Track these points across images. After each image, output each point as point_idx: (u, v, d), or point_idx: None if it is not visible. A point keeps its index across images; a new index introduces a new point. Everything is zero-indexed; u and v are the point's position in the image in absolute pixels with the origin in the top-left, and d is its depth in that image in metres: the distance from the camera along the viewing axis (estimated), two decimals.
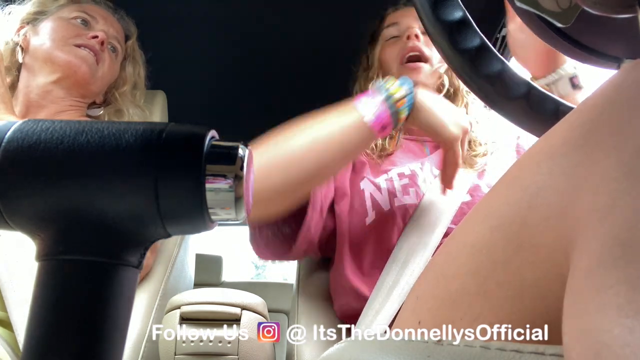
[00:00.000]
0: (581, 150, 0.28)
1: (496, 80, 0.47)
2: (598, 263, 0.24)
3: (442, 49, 0.49)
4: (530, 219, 0.30)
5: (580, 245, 0.26)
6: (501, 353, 0.27)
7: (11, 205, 0.25)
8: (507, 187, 0.34)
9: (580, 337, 0.23)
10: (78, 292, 0.25)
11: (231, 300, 0.69)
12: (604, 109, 0.29)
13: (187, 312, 0.67)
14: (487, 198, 0.37)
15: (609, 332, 0.21)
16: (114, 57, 1.02)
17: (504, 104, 0.48)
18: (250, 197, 0.28)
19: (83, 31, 0.96)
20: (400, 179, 0.88)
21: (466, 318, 0.34)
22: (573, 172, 0.28)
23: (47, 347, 0.24)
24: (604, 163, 0.26)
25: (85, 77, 0.94)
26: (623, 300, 0.21)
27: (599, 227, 0.25)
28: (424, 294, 0.39)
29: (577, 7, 0.40)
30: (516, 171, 0.34)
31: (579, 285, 0.25)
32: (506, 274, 0.32)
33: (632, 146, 0.25)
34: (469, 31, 0.48)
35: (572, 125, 0.31)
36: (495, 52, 0.48)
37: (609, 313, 0.22)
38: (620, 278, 0.22)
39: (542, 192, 0.30)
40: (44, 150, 0.25)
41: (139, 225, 0.26)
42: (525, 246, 0.30)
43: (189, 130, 0.26)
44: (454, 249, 0.38)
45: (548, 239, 0.29)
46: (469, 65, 0.47)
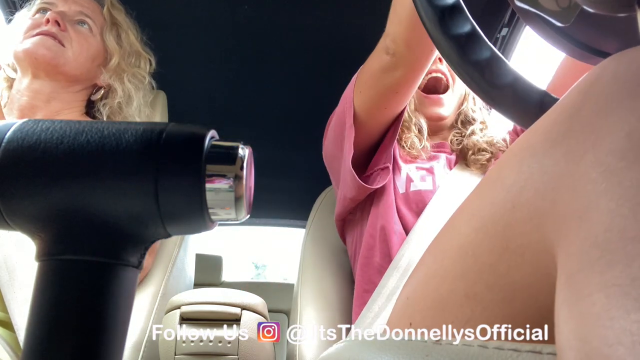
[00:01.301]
0: (559, 149, 0.28)
1: (484, 67, 0.47)
2: (578, 268, 0.24)
3: (431, 34, 0.49)
4: (514, 219, 0.30)
5: (562, 248, 0.26)
6: (499, 352, 0.27)
7: (11, 205, 0.25)
8: (491, 187, 0.34)
9: (569, 348, 0.23)
10: (78, 292, 0.25)
11: (231, 300, 0.69)
12: (582, 105, 0.28)
13: (187, 312, 0.67)
14: (472, 197, 0.37)
15: (590, 344, 0.21)
16: (87, 32, 0.97)
17: (490, 92, 0.48)
18: (251, 197, 0.28)
19: (40, 21, 0.94)
20: (418, 170, 0.92)
21: (457, 321, 0.34)
22: (553, 171, 0.28)
23: (47, 347, 0.24)
24: (581, 163, 0.26)
25: (48, 60, 0.91)
26: (601, 310, 0.21)
27: (578, 229, 0.25)
28: (414, 294, 0.39)
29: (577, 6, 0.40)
30: (499, 169, 0.34)
31: (564, 292, 0.25)
32: (495, 277, 0.32)
33: (608, 144, 0.25)
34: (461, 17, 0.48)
35: (553, 121, 0.31)
36: (485, 39, 0.48)
37: (590, 324, 0.22)
38: (599, 285, 0.22)
39: (525, 191, 0.30)
40: (44, 150, 0.25)
41: (139, 225, 0.26)
42: (511, 248, 0.30)
43: (189, 130, 0.26)
44: (441, 250, 0.38)
45: (532, 240, 0.29)
46: (458, 51, 0.47)
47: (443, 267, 0.36)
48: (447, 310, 0.35)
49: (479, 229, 0.33)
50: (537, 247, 0.29)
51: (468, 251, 0.34)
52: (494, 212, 0.32)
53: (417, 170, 0.92)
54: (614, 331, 0.20)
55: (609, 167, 0.24)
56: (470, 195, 0.37)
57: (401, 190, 0.89)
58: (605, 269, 0.22)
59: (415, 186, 0.89)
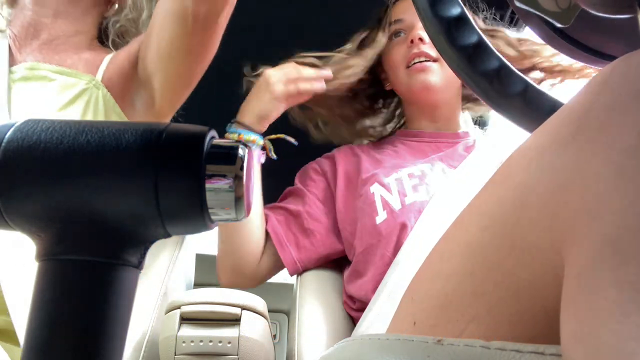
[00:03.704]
0: (570, 148, 0.28)
1: (493, 77, 0.47)
2: (589, 265, 0.24)
3: (439, 46, 0.49)
4: (522, 218, 0.30)
5: (572, 246, 0.26)
6: (501, 353, 0.27)
7: (11, 205, 0.25)
8: (499, 185, 0.34)
9: (576, 343, 0.23)
10: (78, 292, 0.25)
11: (231, 300, 0.69)
12: (592, 105, 0.28)
13: (187, 312, 0.67)
14: (480, 196, 0.37)
15: (600, 339, 0.21)
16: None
17: (501, 101, 0.48)
18: (251, 197, 0.28)
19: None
20: (410, 178, 0.89)
21: (463, 319, 0.34)
22: (563, 170, 0.28)
23: (47, 347, 0.24)
24: (592, 162, 0.26)
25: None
26: (613, 304, 0.21)
27: (589, 227, 0.25)
28: (419, 294, 0.39)
29: (577, 7, 0.40)
30: (508, 168, 0.34)
31: (573, 289, 0.25)
32: (502, 275, 0.32)
33: (620, 144, 0.25)
34: (467, 28, 0.48)
35: (562, 121, 0.31)
36: (492, 49, 0.48)
37: (601, 319, 0.22)
38: (611, 281, 0.22)
39: (533, 191, 0.30)
40: (44, 150, 0.25)
41: (139, 225, 0.26)
42: (519, 246, 0.30)
43: (189, 130, 0.26)
44: (448, 249, 0.38)
45: (540, 239, 0.29)
46: (466, 62, 0.47)
47: (450, 266, 0.36)
48: (452, 309, 0.35)
49: (487, 228, 0.33)
50: (545, 246, 0.29)
51: (476, 250, 0.34)
52: (502, 211, 0.32)
53: (408, 179, 0.90)
54: (627, 326, 0.20)
55: (621, 166, 0.24)
56: (478, 194, 0.37)
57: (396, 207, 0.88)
58: (617, 265, 0.22)
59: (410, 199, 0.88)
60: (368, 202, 0.87)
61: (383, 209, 0.85)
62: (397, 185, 0.87)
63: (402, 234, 0.82)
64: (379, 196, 0.87)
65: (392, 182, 0.88)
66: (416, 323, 0.38)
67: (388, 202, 0.86)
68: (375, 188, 0.88)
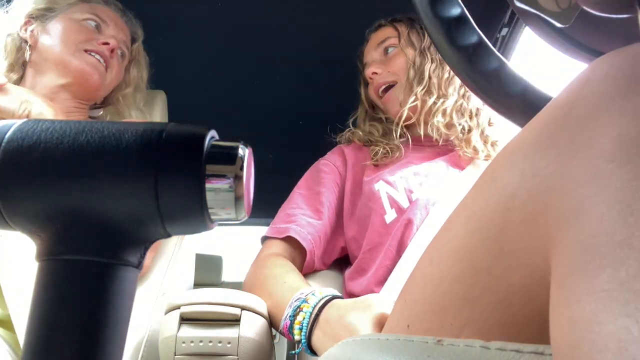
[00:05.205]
0: (551, 149, 0.28)
1: (493, 77, 0.47)
2: (568, 274, 0.24)
3: (439, 46, 0.49)
4: (508, 222, 0.30)
5: (555, 251, 0.26)
6: (501, 353, 0.27)
7: (11, 205, 0.25)
8: (485, 188, 0.34)
9: (561, 350, 0.23)
10: (78, 292, 0.25)
11: (231, 300, 0.69)
12: (573, 105, 0.28)
13: (187, 312, 0.67)
14: (467, 198, 0.37)
15: (581, 350, 0.21)
16: (121, 62, 1.01)
17: (500, 101, 0.48)
18: (251, 197, 0.28)
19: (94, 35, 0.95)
20: (415, 176, 0.90)
21: (455, 323, 0.33)
22: (544, 173, 0.28)
23: (47, 347, 0.24)
24: (571, 165, 0.26)
25: (95, 85, 0.94)
26: (591, 314, 0.21)
27: (568, 232, 0.24)
28: (411, 297, 0.39)
29: (577, 7, 0.40)
30: (493, 170, 0.34)
31: (556, 295, 0.25)
32: (491, 279, 0.31)
33: (598, 146, 0.25)
34: (467, 28, 0.48)
35: (545, 121, 0.30)
36: (492, 49, 0.48)
37: (580, 330, 0.22)
38: (588, 290, 0.22)
39: (517, 194, 0.30)
40: (44, 150, 0.25)
41: (139, 225, 0.26)
42: (506, 250, 0.30)
43: (189, 130, 0.26)
44: (437, 253, 0.37)
45: (526, 243, 0.29)
46: (466, 62, 0.48)
47: (439, 270, 0.36)
48: (445, 313, 0.35)
49: (474, 231, 0.33)
50: (531, 249, 0.29)
51: (464, 254, 0.34)
52: (488, 215, 0.32)
53: (414, 176, 0.91)
54: (603, 337, 0.20)
55: (599, 169, 0.24)
56: (466, 196, 0.37)
57: (404, 204, 0.90)
58: (595, 273, 0.22)
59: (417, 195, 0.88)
60: (374, 199, 0.87)
61: (391, 207, 0.86)
62: (403, 183, 0.88)
63: (407, 230, 0.82)
64: (384, 193, 0.87)
65: (398, 179, 0.89)
66: (410, 326, 0.38)
67: (396, 200, 0.86)
68: (381, 185, 0.88)
